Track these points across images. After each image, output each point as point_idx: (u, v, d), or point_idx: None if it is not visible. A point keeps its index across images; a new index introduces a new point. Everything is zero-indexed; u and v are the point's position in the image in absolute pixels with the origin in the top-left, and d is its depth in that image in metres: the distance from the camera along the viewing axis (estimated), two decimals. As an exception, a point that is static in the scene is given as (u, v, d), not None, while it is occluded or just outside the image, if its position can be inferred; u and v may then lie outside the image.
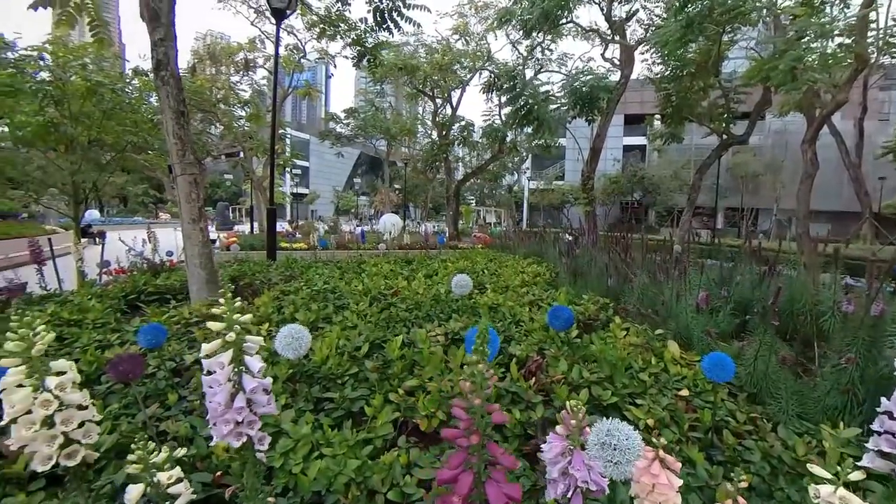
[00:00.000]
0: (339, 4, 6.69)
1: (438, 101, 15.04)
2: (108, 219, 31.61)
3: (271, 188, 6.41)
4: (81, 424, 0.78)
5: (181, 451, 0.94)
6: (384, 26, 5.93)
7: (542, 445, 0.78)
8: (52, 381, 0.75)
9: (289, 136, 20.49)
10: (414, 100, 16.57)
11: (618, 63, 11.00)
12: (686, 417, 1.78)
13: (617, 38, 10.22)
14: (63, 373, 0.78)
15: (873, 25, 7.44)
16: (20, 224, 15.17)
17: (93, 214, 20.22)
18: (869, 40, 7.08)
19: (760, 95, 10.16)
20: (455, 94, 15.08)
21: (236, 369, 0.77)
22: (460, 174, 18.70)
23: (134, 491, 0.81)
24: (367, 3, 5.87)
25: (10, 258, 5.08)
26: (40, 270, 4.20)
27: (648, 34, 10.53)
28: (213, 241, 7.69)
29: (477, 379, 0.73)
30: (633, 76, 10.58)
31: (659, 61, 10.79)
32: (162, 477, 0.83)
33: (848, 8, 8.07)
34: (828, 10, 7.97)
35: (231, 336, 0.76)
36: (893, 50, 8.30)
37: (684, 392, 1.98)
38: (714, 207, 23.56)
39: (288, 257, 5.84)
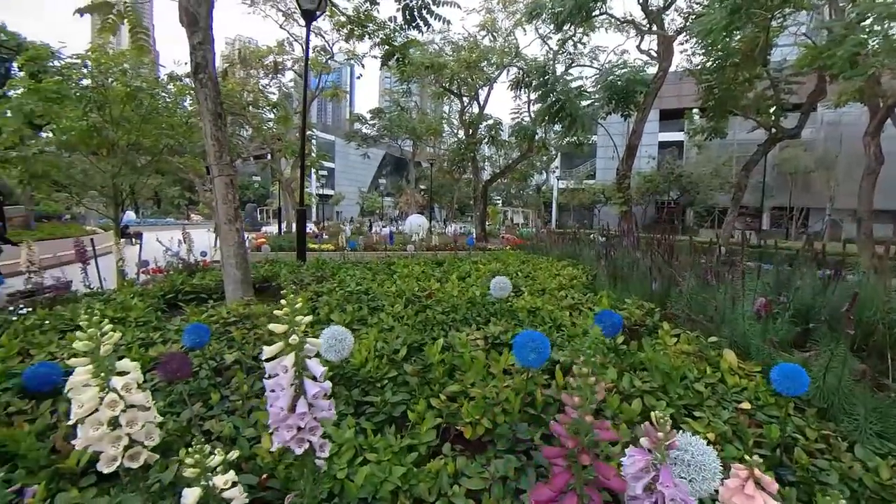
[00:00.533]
0: (368, 4, 6.78)
1: (465, 99, 15.02)
2: (142, 220, 33.29)
3: (301, 189, 6.56)
4: (143, 426, 0.79)
5: (234, 454, 0.94)
6: (413, 24, 5.95)
7: (623, 460, 0.73)
8: (118, 382, 0.77)
9: (315, 137, 20.96)
10: (440, 99, 16.62)
11: (655, 55, 10.68)
12: (750, 433, 1.68)
13: (654, 28, 9.92)
14: (127, 373, 0.80)
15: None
16: (64, 225, 16.18)
17: (129, 216, 21.32)
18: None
19: (815, 85, 9.63)
20: (482, 93, 15.03)
21: (298, 373, 0.76)
22: (487, 174, 18.61)
23: (191, 496, 0.81)
24: (395, 0, 5.91)
25: (58, 256, 5.46)
26: (85, 269, 4.44)
27: (689, 23, 10.16)
28: (244, 242, 7.95)
29: (586, 393, 0.69)
30: (671, 68, 10.23)
31: (700, 52, 10.40)
32: (218, 481, 0.84)
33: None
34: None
35: (294, 339, 0.75)
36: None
37: (745, 405, 1.87)
38: (759, 207, 22.51)
39: (317, 258, 5.95)
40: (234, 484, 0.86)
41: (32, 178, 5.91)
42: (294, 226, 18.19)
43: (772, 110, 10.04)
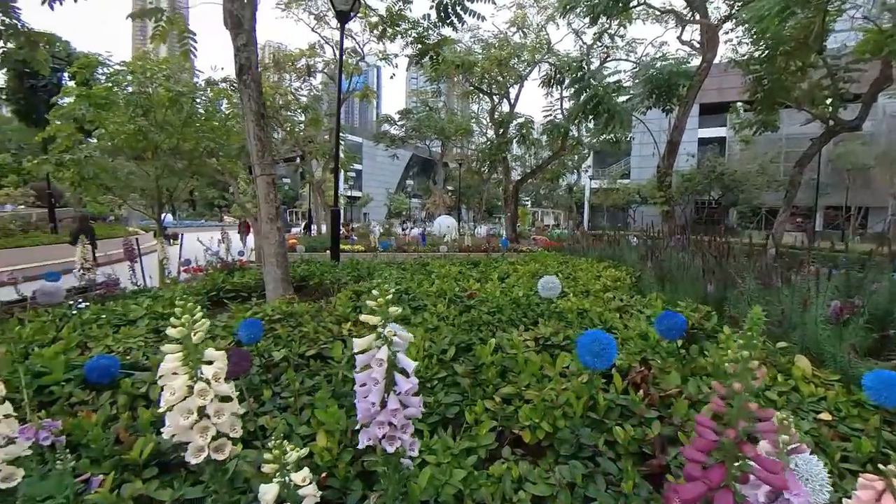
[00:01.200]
0: (401, 3, 6.83)
1: (495, 97, 14.94)
2: (178, 221, 34.91)
3: (336, 189, 6.67)
4: (228, 417, 0.79)
5: (305, 451, 0.94)
6: (448, 21, 5.96)
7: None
8: (207, 370, 0.77)
9: (345, 139, 21.38)
10: (468, 98, 16.57)
11: (698, 45, 10.29)
12: (835, 446, 1.56)
13: (697, 16, 9.56)
14: (213, 362, 0.80)
15: None
16: (108, 226, 17.17)
17: (167, 218, 22.39)
18: None
19: (879, 72, 9.00)
20: (513, 91, 14.91)
21: (389, 368, 0.74)
22: (517, 174, 18.44)
23: (270, 493, 0.81)
24: (430, -1, 5.92)
25: (108, 255, 5.84)
26: (132, 267, 4.66)
27: (735, 11, 9.73)
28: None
29: (745, 379, 0.63)
30: (715, 60, 9.80)
31: (748, 40, 9.93)
32: (296, 477, 0.83)
33: None
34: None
35: (390, 331, 0.73)
36: None
37: (825, 416, 1.75)
38: (812, 207, 21.26)
39: (351, 259, 6.03)
40: (310, 481, 0.85)
41: (83, 181, 6.27)
42: (323, 227, 18.64)
43: (829, 101, 9.46)
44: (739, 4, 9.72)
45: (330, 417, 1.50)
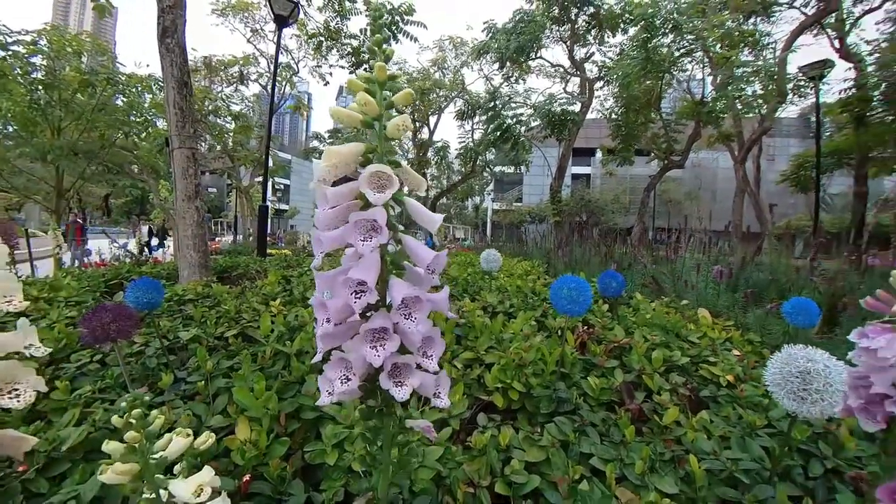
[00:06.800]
0: (339, 19, 6.28)
1: (417, 123, 14.80)
2: (91, 227, 28.64)
3: (264, 187, 5.76)
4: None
5: (209, 439, 0.46)
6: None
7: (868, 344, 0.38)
8: None
9: (274, 155, 19.44)
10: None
11: (577, 95, 11.26)
12: (757, 374, 1.51)
13: (579, 72, 10.44)
14: None
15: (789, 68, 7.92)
16: (-7, 227, 13.21)
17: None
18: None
19: (693, 129, 10.67)
20: (432, 120, 14.91)
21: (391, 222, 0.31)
22: (433, 192, 18.40)
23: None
24: (366, 15, 5.50)
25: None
26: (12, 254, 3.38)
27: (603, 72, 10.85)
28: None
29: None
30: (588, 115, 10.84)
31: (611, 98, 11.20)
32: (181, 489, 0.36)
33: (764, 51, 8.62)
34: (746, 55, 8.51)
35: (404, 121, 0.31)
36: (802, 90, 8.90)
37: (736, 352, 1.72)
38: (645, 227, 24.56)
39: (279, 256, 5.20)
40: (216, 492, 0.38)
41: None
42: (250, 237, 16.50)
43: (664, 146, 10.95)
44: (605, 70, 10.90)
45: (254, 400, 0.98)
